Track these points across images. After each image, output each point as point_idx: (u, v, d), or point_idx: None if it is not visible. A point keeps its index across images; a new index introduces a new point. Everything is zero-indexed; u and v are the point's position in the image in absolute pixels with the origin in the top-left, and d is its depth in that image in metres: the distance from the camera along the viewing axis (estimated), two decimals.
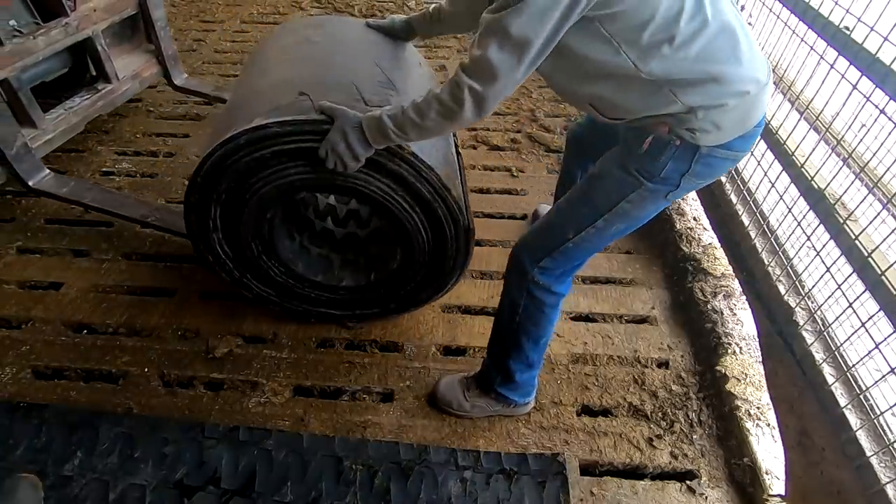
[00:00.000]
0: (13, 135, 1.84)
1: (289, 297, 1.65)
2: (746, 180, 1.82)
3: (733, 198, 1.86)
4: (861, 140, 1.47)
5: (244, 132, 1.27)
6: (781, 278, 1.73)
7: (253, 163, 1.32)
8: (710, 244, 1.96)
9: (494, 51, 0.97)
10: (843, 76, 1.37)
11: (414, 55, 1.75)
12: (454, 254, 1.49)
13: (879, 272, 1.33)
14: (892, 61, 1.35)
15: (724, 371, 1.53)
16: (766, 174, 1.69)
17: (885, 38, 1.35)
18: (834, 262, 1.52)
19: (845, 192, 1.53)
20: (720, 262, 1.87)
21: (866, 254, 1.38)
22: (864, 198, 1.48)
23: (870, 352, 1.39)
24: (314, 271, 1.61)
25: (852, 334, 1.46)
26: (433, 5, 1.56)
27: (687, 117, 1.03)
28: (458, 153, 1.62)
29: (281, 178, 1.35)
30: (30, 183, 1.92)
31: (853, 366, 1.46)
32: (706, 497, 1.35)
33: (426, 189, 1.35)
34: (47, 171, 1.98)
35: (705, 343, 1.69)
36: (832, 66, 1.41)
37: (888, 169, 1.39)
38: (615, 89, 1.06)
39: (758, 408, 1.44)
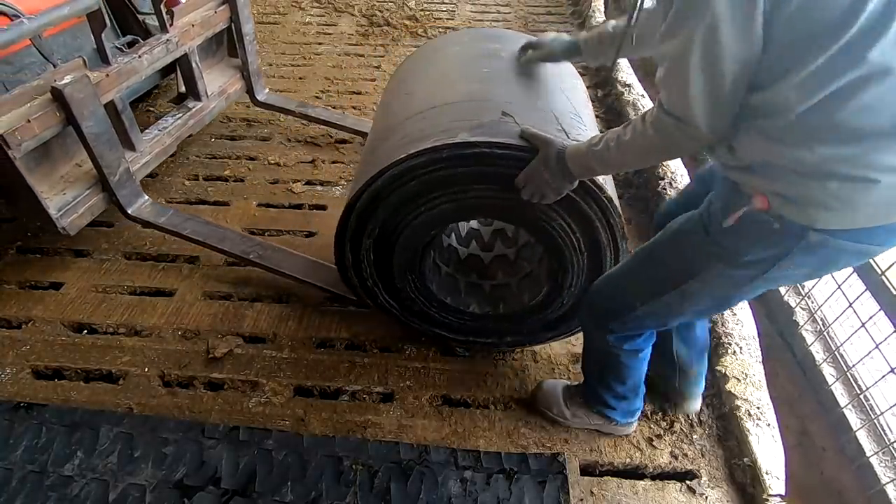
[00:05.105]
0: (117, 160, 1.75)
1: (409, 313, 1.59)
2: None
3: None
4: None
5: (448, 146, 1.18)
6: None
7: (443, 177, 1.23)
8: None
9: (694, 67, 0.79)
10: None
11: (585, 91, 1.64)
12: None
13: (879, 272, 1.33)
14: None
15: (724, 371, 1.53)
16: None
17: None
18: None
19: None
20: None
21: None
22: None
23: (870, 352, 1.39)
24: (444, 292, 1.55)
25: (852, 334, 1.46)
26: (611, 22, 1.27)
27: (808, 183, 0.78)
28: None
29: (465, 198, 1.26)
30: (129, 210, 1.84)
31: (853, 366, 1.46)
32: (706, 497, 1.35)
33: (606, 235, 1.27)
34: (146, 197, 1.91)
35: None
36: None
37: None
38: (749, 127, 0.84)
39: (758, 408, 1.44)
